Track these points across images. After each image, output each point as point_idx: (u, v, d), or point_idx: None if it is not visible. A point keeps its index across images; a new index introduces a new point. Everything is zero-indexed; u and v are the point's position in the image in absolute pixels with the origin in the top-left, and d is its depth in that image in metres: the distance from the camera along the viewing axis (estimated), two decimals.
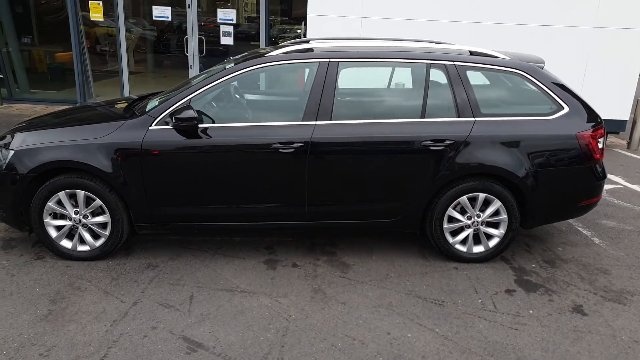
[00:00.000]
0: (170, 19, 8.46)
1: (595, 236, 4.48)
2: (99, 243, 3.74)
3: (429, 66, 3.73)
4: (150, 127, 3.58)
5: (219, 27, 8.44)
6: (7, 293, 3.30)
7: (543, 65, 3.88)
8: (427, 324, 3.11)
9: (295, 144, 3.56)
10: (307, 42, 4.25)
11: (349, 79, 3.92)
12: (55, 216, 3.71)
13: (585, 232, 4.57)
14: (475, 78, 3.84)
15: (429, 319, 3.16)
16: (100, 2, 8.31)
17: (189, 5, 8.31)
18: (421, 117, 3.68)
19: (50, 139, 3.63)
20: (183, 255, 3.91)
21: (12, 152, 3.63)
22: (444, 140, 3.62)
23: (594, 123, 3.78)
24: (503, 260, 3.97)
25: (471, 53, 3.86)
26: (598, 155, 3.80)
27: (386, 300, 3.36)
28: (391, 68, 4.04)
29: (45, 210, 3.65)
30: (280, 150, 3.56)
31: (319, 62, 3.69)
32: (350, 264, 3.83)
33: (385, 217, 3.78)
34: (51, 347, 2.79)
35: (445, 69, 3.72)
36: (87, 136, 3.59)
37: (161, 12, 8.32)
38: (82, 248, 3.75)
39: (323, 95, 3.63)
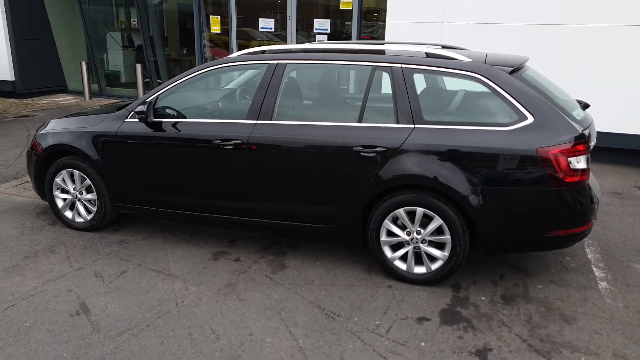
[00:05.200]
0: (273, 30, 9.09)
1: (607, 280, 3.65)
2: (89, 217, 4.36)
3: (373, 69, 3.53)
4: (125, 120, 4.07)
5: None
6: (5, 245, 4.10)
7: (512, 68, 3.35)
8: (298, 334, 2.98)
9: (234, 141, 3.69)
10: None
11: (302, 80, 3.90)
12: (63, 190, 4.44)
13: (598, 273, 3.75)
14: (427, 82, 3.50)
15: (304, 329, 3.03)
16: (219, 17, 9.35)
17: (289, 17, 8.84)
18: (358, 122, 3.50)
19: (60, 126, 4.37)
20: (156, 237, 4.32)
21: (35, 136, 4.48)
22: (374, 147, 3.39)
23: (566, 138, 3.13)
24: (452, 287, 3.52)
25: (427, 55, 3.52)
26: (570, 178, 3.14)
27: (282, 304, 3.30)
28: (340, 70, 3.88)
29: (54, 185, 4.40)
30: (221, 146, 3.73)
31: (267, 63, 3.77)
32: (288, 266, 3.81)
33: (323, 223, 3.67)
34: None
35: (391, 71, 3.47)
36: (81, 125, 4.24)
37: (266, 24, 9.00)
38: (78, 219, 4.42)
39: (267, 95, 3.70)
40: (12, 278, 3.60)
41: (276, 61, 3.74)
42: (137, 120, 3.99)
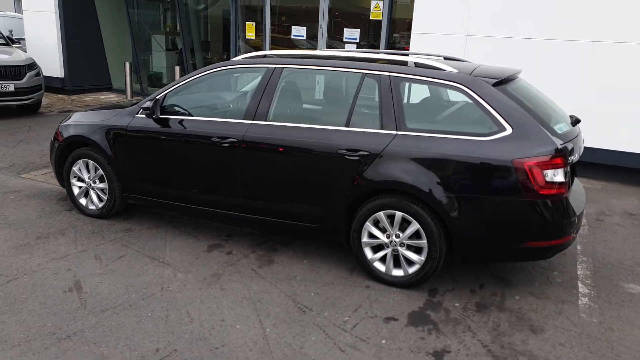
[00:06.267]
0: (304, 37, 9.33)
1: (589, 296, 3.61)
2: (101, 205, 4.67)
3: (363, 76, 3.66)
4: (136, 115, 4.36)
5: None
6: (22, 226, 4.45)
7: (497, 80, 3.40)
8: (267, 323, 3.13)
9: (230, 139, 3.90)
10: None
11: (296, 84, 4.07)
12: (79, 179, 4.77)
13: (582, 289, 3.71)
14: (416, 91, 3.60)
15: (274, 320, 3.17)
16: (253, 23, 9.70)
17: (320, 25, 9.06)
18: (345, 126, 3.63)
19: (81, 119, 4.71)
20: (160, 227, 4.58)
21: (59, 127, 4.85)
22: (358, 151, 3.51)
23: (543, 151, 3.16)
24: (429, 291, 3.58)
25: (416, 65, 3.62)
26: (546, 190, 3.16)
27: (260, 296, 3.45)
28: (333, 76, 4.02)
29: (71, 173, 4.74)
30: (218, 143, 3.94)
31: (266, 67, 3.96)
32: (276, 262, 3.97)
33: (308, 222, 3.81)
34: None
35: (379, 79, 3.59)
36: (98, 119, 4.56)
37: (298, 32, 9.27)
38: (91, 207, 4.74)
39: (263, 97, 3.89)
40: (20, 255, 3.92)
41: (274, 65, 3.93)
42: (145, 116, 4.27)
